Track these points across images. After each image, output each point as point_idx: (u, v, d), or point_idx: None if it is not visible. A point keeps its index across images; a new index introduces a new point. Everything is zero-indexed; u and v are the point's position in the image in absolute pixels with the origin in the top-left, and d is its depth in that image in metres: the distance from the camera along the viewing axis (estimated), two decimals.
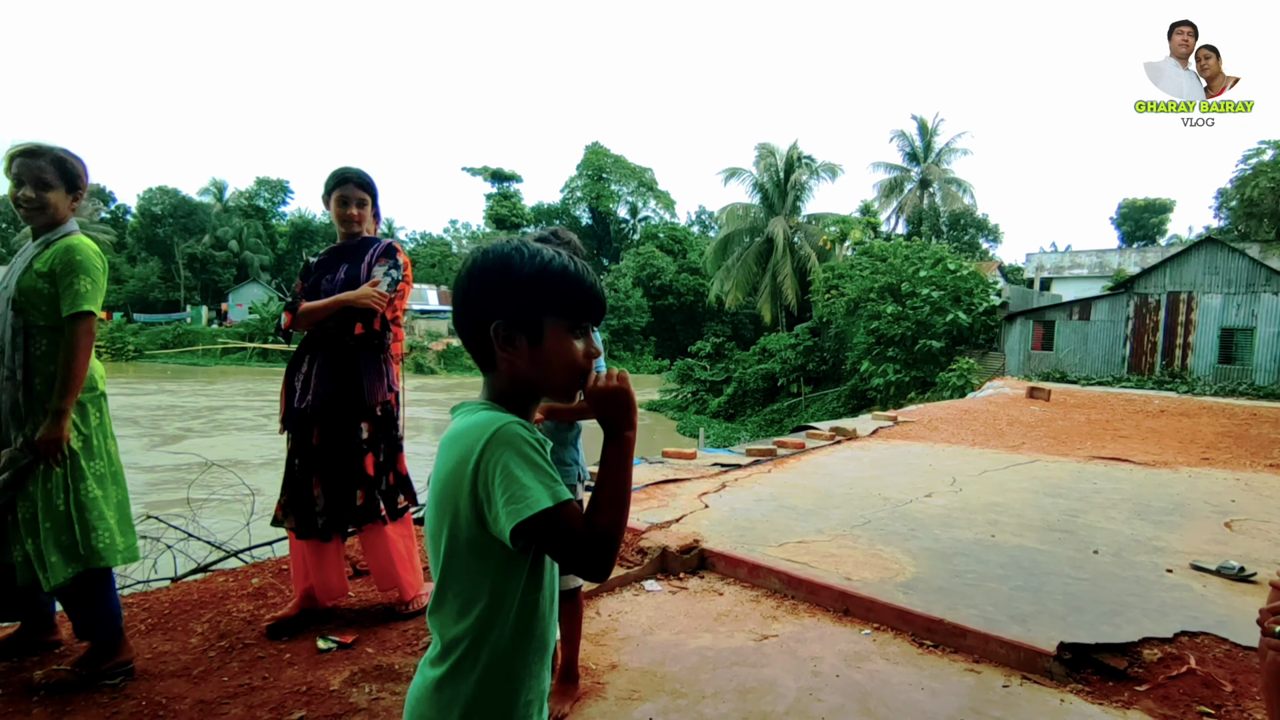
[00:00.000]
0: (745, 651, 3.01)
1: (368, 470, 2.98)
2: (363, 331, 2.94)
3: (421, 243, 64.33)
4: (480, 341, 1.10)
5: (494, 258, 1.10)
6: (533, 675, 1.12)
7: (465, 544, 1.05)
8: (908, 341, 22.87)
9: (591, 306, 1.13)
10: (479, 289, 1.10)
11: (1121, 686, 2.73)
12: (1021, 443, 8.94)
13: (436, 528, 1.08)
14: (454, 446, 1.06)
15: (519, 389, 1.12)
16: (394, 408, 3.10)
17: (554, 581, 1.15)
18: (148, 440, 19.31)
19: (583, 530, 1.02)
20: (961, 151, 41.74)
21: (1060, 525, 4.86)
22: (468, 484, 1.02)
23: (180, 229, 57.03)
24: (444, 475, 1.06)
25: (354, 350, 2.96)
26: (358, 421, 2.96)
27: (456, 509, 1.04)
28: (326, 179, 3.04)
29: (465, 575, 1.07)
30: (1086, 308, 22.88)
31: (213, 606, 3.16)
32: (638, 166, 64.21)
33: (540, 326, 1.09)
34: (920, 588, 3.56)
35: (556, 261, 1.09)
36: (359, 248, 3.09)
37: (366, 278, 3.00)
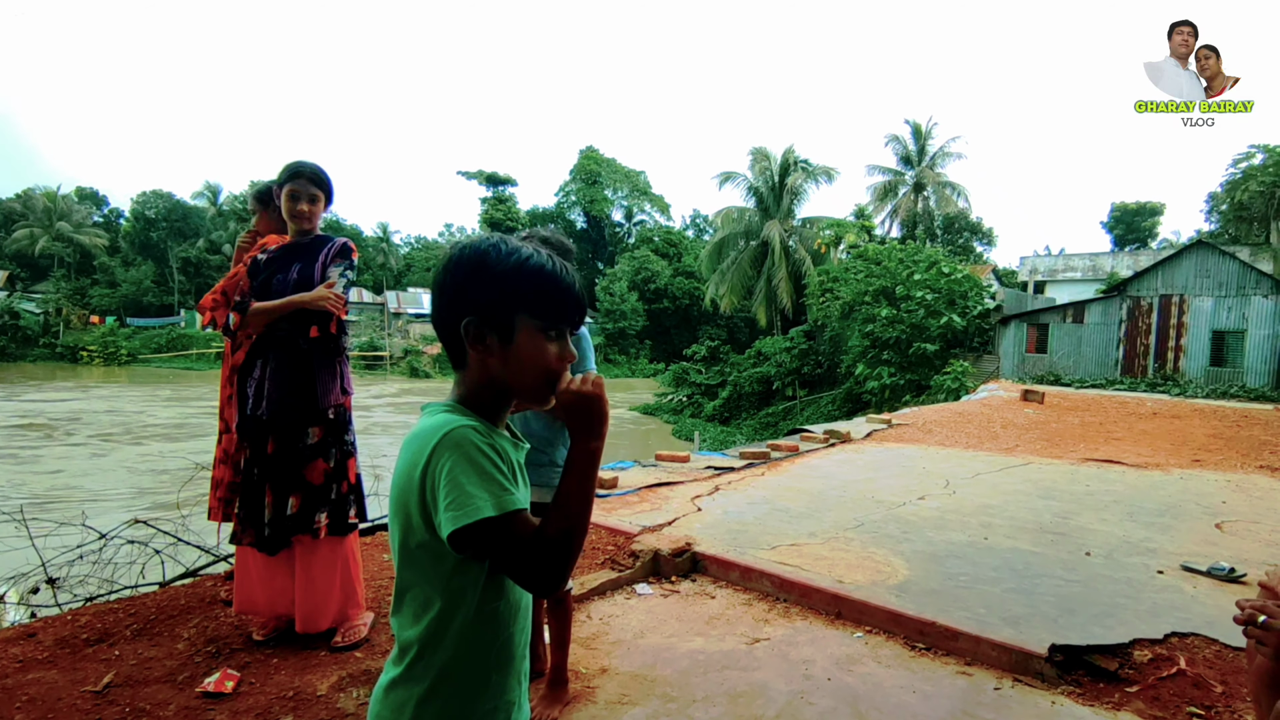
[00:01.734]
0: (737, 655, 2.99)
1: (313, 478, 2.82)
2: (318, 335, 2.84)
3: (416, 246, 64.28)
4: (453, 338, 1.08)
5: (470, 253, 1.08)
6: (493, 685, 1.08)
7: (417, 547, 1.03)
8: (902, 345, 22.89)
9: (568, 308, 1.10)
10: (453, 284, 1.07)
11: (1112, 688, 2.73)
12: (1015, 445, 8.95)
13: (394, 529, 1.06)
14: (409, 448, 1.04)
15: (489, 388, 1.09)
16: (348, 411, 2.97)
17: (520, 591, 1.11)
18: (138, 444, 19.21)
19: (530, 539, 0.98)
20: (955, 155, 41.87)
21: (1053, 527, 4.86)
22: (416, 486, 1.00)
23: (174, 233, 56.84)
24: (399, 476, 1.05)
25: (308, 353, 2.84)
26: (306, 426, 2.81)
27: (408, 511, 1.02)
28: (280, 171, 2.92)
29: (420, 579, 1.05)
30: (1080, 311, 22.96)
31: (200, 611, 3.13)
32: (631, 170, 64.29)
33: (512, 325, 1.06)
34: (913, 590, 3.55)
35: (534, 259, 1.06)
36: (312, 246, 2.95)
37: (321, 278, 2.87)
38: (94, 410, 25.82)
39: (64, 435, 20.24)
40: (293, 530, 2.79)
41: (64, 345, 45.86)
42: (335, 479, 2.87)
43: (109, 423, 22.90)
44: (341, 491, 2.89)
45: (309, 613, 2.84)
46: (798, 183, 36.21)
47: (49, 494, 12.75)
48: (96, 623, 2.95)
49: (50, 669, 2.57)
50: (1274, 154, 25.57)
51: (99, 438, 20.05)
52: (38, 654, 2.67)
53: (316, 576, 2.85)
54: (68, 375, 39.43)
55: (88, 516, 4.27)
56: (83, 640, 2.80)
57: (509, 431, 1.14)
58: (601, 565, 3.85)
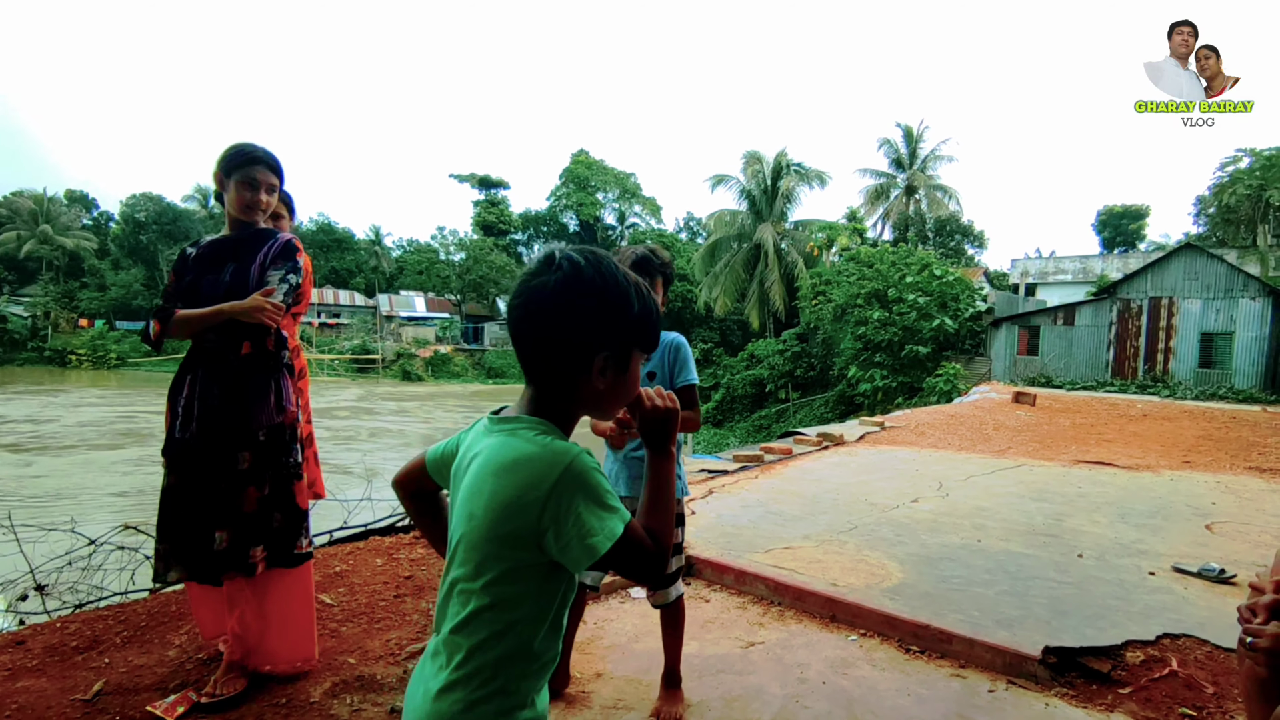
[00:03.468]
0: (731, 659, 2.99)
1: (245, 507, 2.47)
2: (250, 350, 2.49)
3: (409, 249, 64.07)
4: (563, 361, 1.09)
5: (614, 291, 1.10)
6: (541, 690, 1.13)
7: (514, 568, 1.05)
8: (894, 347, 22.99)
9: (657, 339, 1.21)
10: (589, 317, 1.08)
11: (1105, 689, 2.74)
12: (1007, 447, 9.00)
13: (480, 548, 1.06)
14: (516, 473, 1.04)
15: (581, 407, 1.14)
16: (289, 431, 2.60)
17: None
18: (128, 450, 19.07)
19: (649, 544, 1.07)
20: (947, 158, 42.09)
21: (1045, 529, 4.89)
22: (533, 514, 1.02)
23: (164, 236, 56.45)
24: (503, 501, 1.04)
25: (239, 370, 2.50)
26: (236, 451, 2.47)
27: (515, 535, 1.04)
28: (225, 155, 2.54)
29: (502, 592, 1.06)
30: (1071, 313, 23.11)
31: (191, 618, 3.11)
32: (620, 172, 64.29)
33: (629, 358, 1.13)
34: (907, 593, 3.56)
35: (652, 300, 1.16)
36: (251, 242, 2.56)
37: (258, 283, 2.49)
38: (80, 414, 25.63)
39: (50, 440, 20.07)
40: (223, 567, 2.44)
41: (52, 349, 45.53)
42: (272, 507, 2.53)
43: (98, 428, 22.73)
44: (280, 521, 2.54)
45: (236, 655, 2.49)
46: (790, 186, 36.32)
47: (35, 499, 12.65)
48: (86, 630, 2.93)
49: (39, 677, 2.55)
50: (1260, 157, 25.82)
51: (85, 443, 19.90)
52: (27, 662, 2.65)
53: (252, 617, 2.50)
54: (56, 379, 39.13)
55: (77, 523, 4.23)
56: (72, 648, 2.78)
57: None
58: None
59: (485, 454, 1.09)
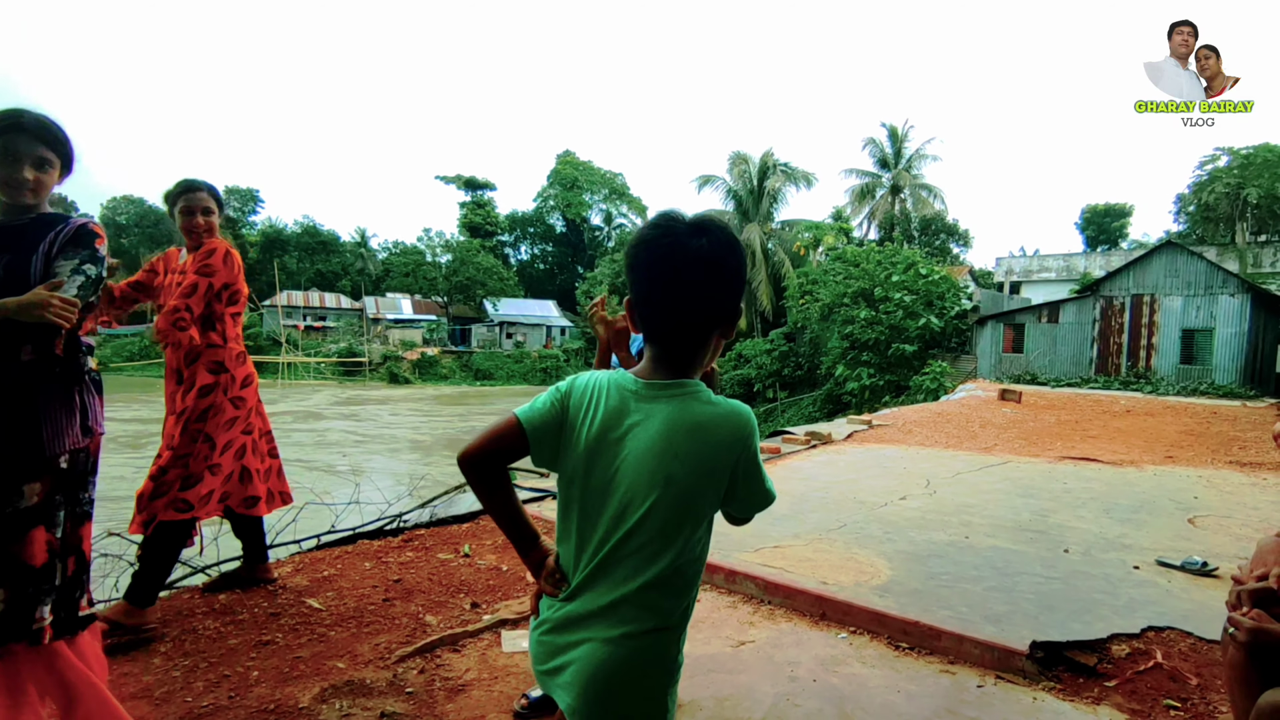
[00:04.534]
0: (722, 658, 3.00)
1: (30, 556, 1.96)
2: (33, 357, 2.02)
3: (395, 251, 63.74)
4: (717, 319, 1.21)
5: (739, 262, 1.21)
6: None
7: (707, 520, 1.22)
8: (881, 346, 23.12)
9: None
10: (740, 278, 1.21)
11: (1091, 683, 2.77)
12: (994, 444, 9.07)
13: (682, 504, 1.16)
14: (714, 431, 1.16)
15: (702, 366, 1.26)
16: (92, 459, 2.18)
17: None
18: (116, 454, 18.84)
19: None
20: (931, 158, 42.41)
21: (1032, 525, 4.93)
22: (729, 466, 1.17)
23: (146, 239, 55.87)
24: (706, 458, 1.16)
25: (23, 381, 2.01)
26: (20, 482, 1.97)
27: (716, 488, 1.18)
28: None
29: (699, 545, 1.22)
30: (1055, 310, 23.33)
31: (177, 624, 3.08)
32: (607, 172, 64.31)
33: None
34: (896, 590, 3.58)
35: None
36: (28, 230, 2.09)
37: (42, 275, 2.05)
38: None
39: None
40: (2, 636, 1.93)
41: None
42: (64, 554, 2.05)
43: None
44: (69, 573, 2.07)
45: None
46: (776, 186, 36.50)
47: None
48: None
49: None
50: (1238, 156, 26.20)
51: None
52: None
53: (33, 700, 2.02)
54: None
55: None
56: None
57: None
58: None
59: (666, 417, 1.16)
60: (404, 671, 2.73)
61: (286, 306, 51.18)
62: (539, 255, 68.19)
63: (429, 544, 4.22)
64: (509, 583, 3.64)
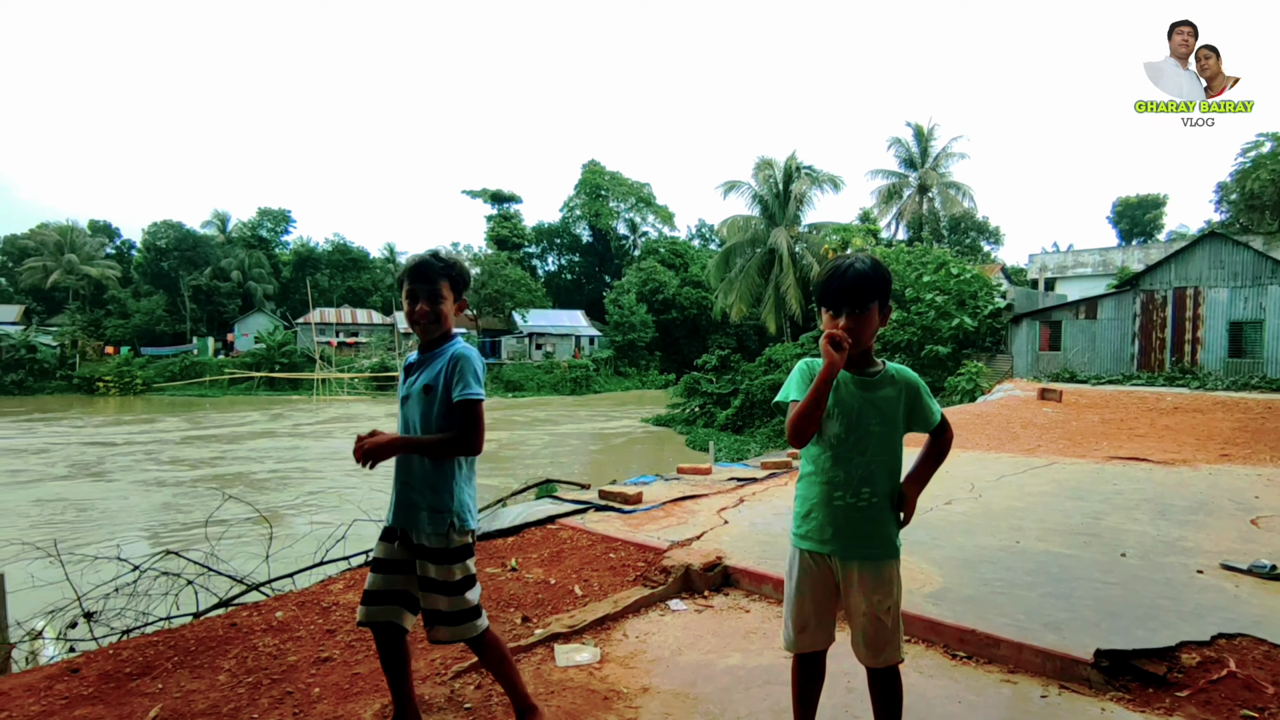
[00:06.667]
0: (777, 669, 2.97)
1: None
2: None
3: None
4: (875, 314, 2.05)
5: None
6: None
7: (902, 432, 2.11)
8: (914, 347, 22.81)
9: None
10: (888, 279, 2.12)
11: (1162, 693, 2.69)
12: (1037, 445, 8.88)
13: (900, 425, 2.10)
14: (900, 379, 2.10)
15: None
16: None
17: None
18: (163, 473, 19.32)
19: None
20: (959, 156, 41.93)
21: (1084, 529, 4.81)
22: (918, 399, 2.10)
23: (185, 262, 57.39)
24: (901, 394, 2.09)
25: None
26: None
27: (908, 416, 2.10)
28: None
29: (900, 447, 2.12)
30: (1092, 306, 22.82)
31: (238, 642, 3.14)
32: (635, 182, 64.56)
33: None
34: (949, 598, 3.52)
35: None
36: None
37: None
38: (109, 440, 26.01)
39: (91, 466, 20.38)
40: None
41: (80, 376, 46.23)
42: None
43: (131, 452, 23.05)
44: None
45: None
46: (802, 189, 36.25)
47: (69, 523, 12.84)
48: (138, 656, 2.96)
49: (96, 704, 2.58)
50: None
51: (119, 469, 20.18)
52: (83, 690, 2.68)
53: None
54: (84, 406, 39.75)
55: (122, 548, 4.29)
56: (126, 674, 2.81)
57: None
58: (633, 582, 3.83)
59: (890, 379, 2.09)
60: (460, 687, 2.75)
61: (319, 324, 52.12)
62: (566, 266, 68.60)
63: (476, 558, 4.24)
64: (558, 596, 3.65)
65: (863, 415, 2.05)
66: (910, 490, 2.13)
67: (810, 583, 2.15)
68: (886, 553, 2.09)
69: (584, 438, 27.77)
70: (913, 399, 2.10)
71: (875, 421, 2.05)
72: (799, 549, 2.17)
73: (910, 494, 2.12)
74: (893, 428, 2.08)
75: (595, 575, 3.94)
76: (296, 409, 37.13)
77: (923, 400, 2.12)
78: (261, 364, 47.94)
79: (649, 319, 52.02)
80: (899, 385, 2.10)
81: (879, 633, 2.10)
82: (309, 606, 3.54)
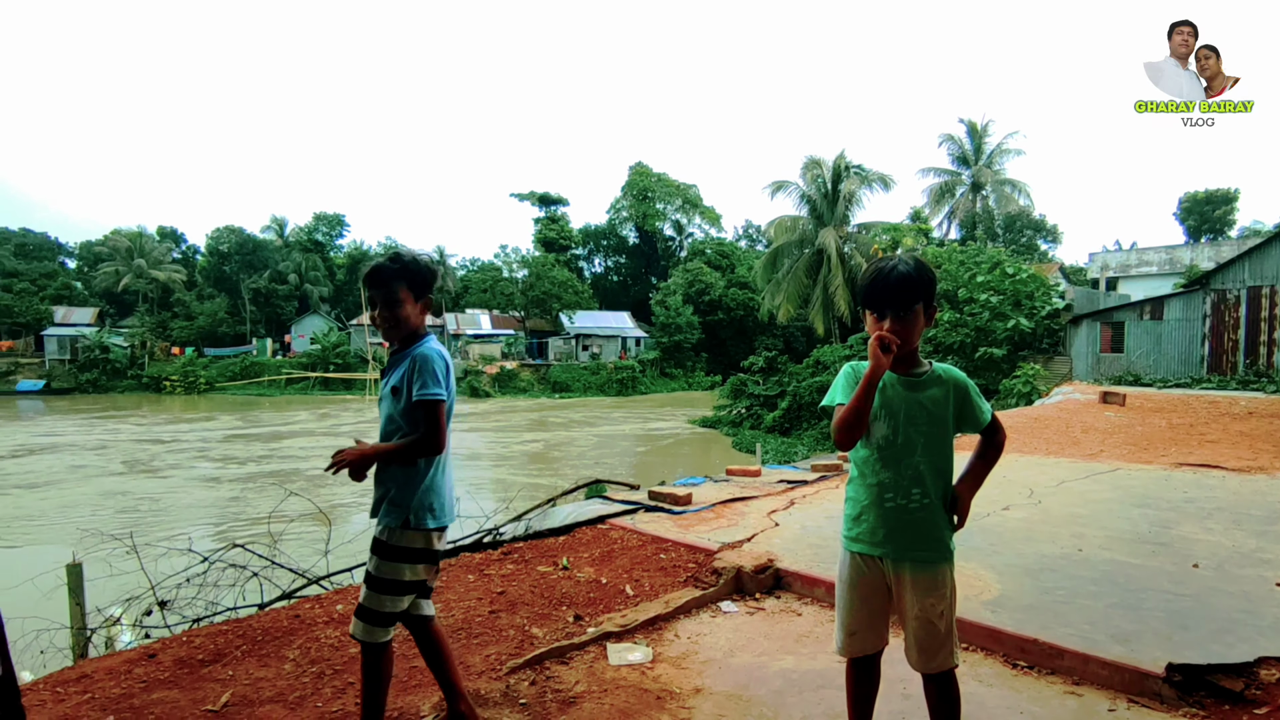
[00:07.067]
0: (830, 674, 2.93)
1: None
2: None
3: (473, 268, 65.67)
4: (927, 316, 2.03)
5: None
6: None
7: (953, 432, 2.07)
8: (967, 349, 22.24)
9: None
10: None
11: (1239, 709, 2.57)
12: (1099, 450, 8.58)
13: (950, 426, 2.06)
14: (949, 379, 2.07)
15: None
16: None
17: None
18: (218, 470, 20.06)
19: None
20: (1014, 152, 40.75)
21: (1152, 537, 4.63)
22: (966, 398, 2.06)
23: (245, 265, 59.48)
24: (949, 395, 2.05)
25: None
26: None
27: (958, 415, 2.07)
28: None
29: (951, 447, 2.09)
30: (1158, 307, 21.89)
31: (302, 633, 3.25)
32: (681, 184, 64.47)
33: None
34: (1008, 606, 3.43)
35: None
36: None
37: None
38: (178, 437, 27.12)
39: (159, 461, 21.29)
40: None
41: (149, 376, 48.33)
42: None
43: (196, 448, 24.00)
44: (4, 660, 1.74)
45: None
46: (851, 189, 35.68)
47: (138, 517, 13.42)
48: (209, 644, 3.09)
49: (172, 689, 2.70)
50: None
51: (169, 466, 21.03)
52: (159, 674, 2.81)
53: None
54: (153, 404, 41.54)
55: (193, 541, 4.47)
56: (199, 660, 2.94)
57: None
58: (684, 583, 3.84)
59: (937, 380, 2.05)
60: (516, 683, 2.79)
61: (372, 326, 53.38)
62: (612, 267, 68.90)
63: (527, 557, 4.30)
64: (609, 596, 3.68)
65: (910, 416, 2.03)
66: (963, 492, 2.09)
67: (862, 585, 2.13)
68: (939, 555, 2.06)
69: (630, 438, 27.84)
70: (961, 399, 2.07)
71: (923, 422, 2.03)
72: (850, 551, 2.15)
73: (963, 495, 2.09)
74: (942, 428, 2.05)
75: (646, 575, 3.96)
76: (346, 408, 38.11)
77: (972, 400, 2.08)
78: (316, 364, 49.34)
79: (695, 320, 51.89)
80: (946, 385, 2.07)
81: (931, 637, 2.07)
82: None
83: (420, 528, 2.30)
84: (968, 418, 2.09)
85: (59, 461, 21.05)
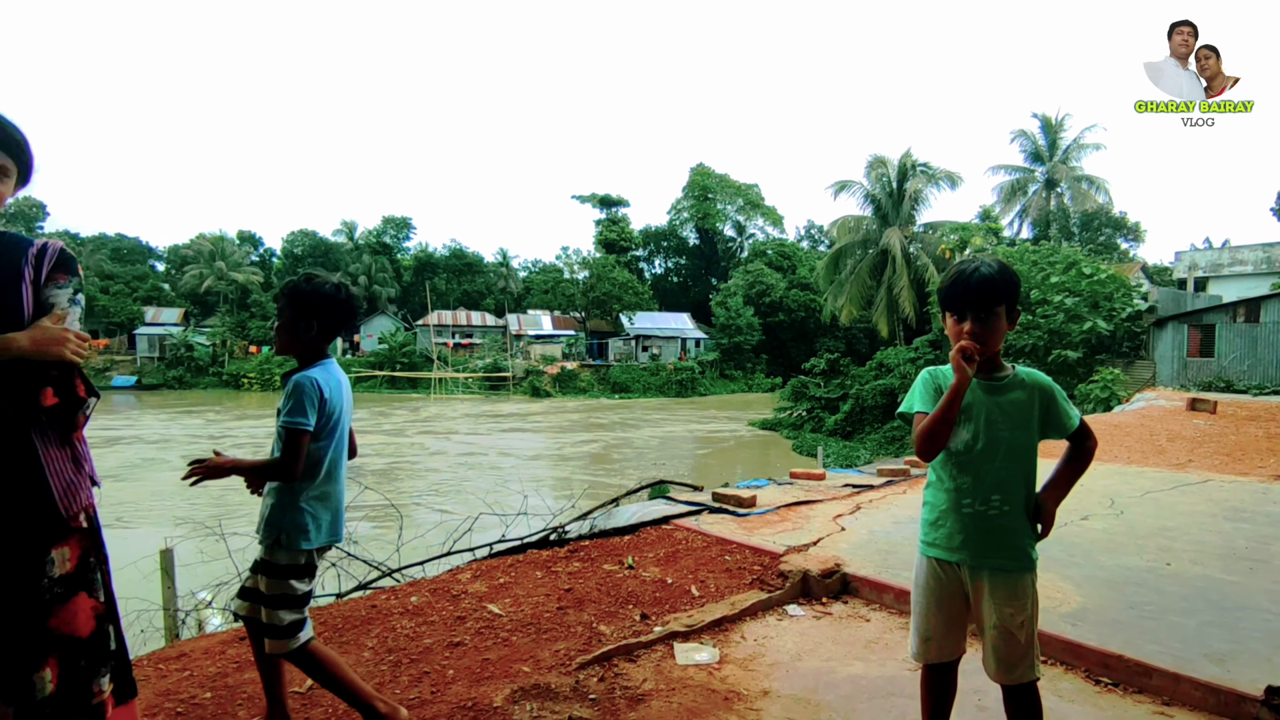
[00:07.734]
0: (901, 681, 2.88)
1: (75, 627, 1.76)
2: (57, 402, 1.72)
3: (535, 270, 66.76)
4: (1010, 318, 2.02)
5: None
6: None
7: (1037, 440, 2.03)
8: (1039, 352, 21.38)
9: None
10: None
11: None
12: (1188, 460, 8.14)
13: (1026, 431, 2.00)
14: (1035, 383, 2.03)
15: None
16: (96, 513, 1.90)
17: None
18: None
19: None
20: (1092, 147, 39.03)
21: (1249, 553, 4.37)
22: (1051, 403, 2.02)
23: (318, 267, 61.93)
24: (1036, 401, 2.01)
25: (27, 431, 1.71)
26: (46, 547, 1.74)
27: (1043, 423, 2.02)
28: None
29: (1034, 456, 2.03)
30: (1254, 309, 20.62)
31: (379, 623, 3.37)
32: (743, 184, 64.07)
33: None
34: (1090, 619, 3.30)
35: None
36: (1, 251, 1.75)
37: (34, 307, 1.73)
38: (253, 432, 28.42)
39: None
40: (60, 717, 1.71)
41: (229, 373, 50.83)
42: (109, 619, 1.87)
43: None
44: (117, 643, 1.90)
45: None
46: (917, 188, 34.82)
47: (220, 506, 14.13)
48: None
49: None
50: None
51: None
52: (250, 656, 2.96)
53: None
54: (232, 400, 43.66)
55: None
56: None
57: None
58: (750, 585, 3.82)
59: (1020, 383, 2.02)
60: (585, 678, 2.84)
61: (437, 326, 54.82)
62: (672, 269, 68.96)
63: (593, 555, 4.36)
64: (675, 596, 3.69)
65: (991, 421, 1.99)
66: (1048, 499, 2.03)
67: (938, 591, 2.09)
68: (1019, 564, 2.00)
69: (690, 440, 27.81)
70: (1046, 403, 2.01)
71: (1004, 427, 1.99)
72: (927, 557, 2.12)
73: (1048, 503, 2.03)
74: (1024, 433, 1.99)
75: (711, 577, 3.96)
76: (402, 407, 39.19)
77: (1058, 404, 2.02)
78: (384, 363, 50.95)
79: (755, 321, 51.46)
80: (1030, 389, 2.01)
81: (1010, 648, 2.01)
82: (440, 593, 3.75)
83: (293, 549, 2.28)
84: (1054, 423, 2.02)
85: (150, 454, 22.33)
